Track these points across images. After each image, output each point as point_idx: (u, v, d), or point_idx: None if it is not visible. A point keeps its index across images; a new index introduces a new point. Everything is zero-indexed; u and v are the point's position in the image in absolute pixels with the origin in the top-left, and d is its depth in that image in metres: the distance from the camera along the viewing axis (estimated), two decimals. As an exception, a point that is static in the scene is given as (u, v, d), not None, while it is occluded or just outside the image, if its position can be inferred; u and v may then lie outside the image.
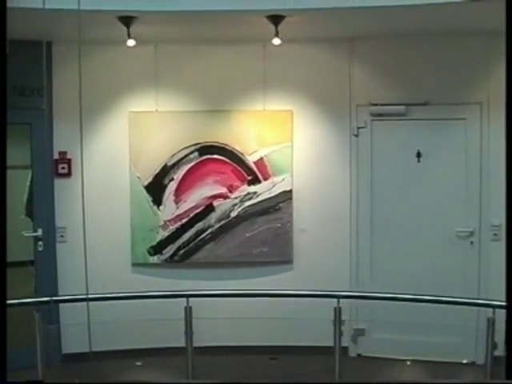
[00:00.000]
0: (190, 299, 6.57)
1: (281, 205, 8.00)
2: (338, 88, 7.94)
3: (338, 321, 6.48)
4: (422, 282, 7.35)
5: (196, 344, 6.66)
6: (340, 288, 7.04)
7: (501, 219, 7.51)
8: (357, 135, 7.94)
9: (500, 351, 7.00)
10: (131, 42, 6.82)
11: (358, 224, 8.01)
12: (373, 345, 7.95)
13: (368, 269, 7.98)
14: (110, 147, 7.97)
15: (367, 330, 8.01)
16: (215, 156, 7.97)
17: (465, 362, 7.63)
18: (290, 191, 7.98)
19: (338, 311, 6.47)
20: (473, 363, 7.58)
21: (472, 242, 7.77)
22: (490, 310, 6.22)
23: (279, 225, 8.02)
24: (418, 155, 7.81)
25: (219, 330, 7.67)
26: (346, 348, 7.52)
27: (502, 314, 6.91)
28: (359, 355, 8.02)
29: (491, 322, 6.17)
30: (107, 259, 7.87)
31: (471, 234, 7.73)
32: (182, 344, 6.62)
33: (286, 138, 7.94)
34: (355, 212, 8.01)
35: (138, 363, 7.75)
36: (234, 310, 7.29)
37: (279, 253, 8.04)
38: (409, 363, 7.58)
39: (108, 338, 7.20)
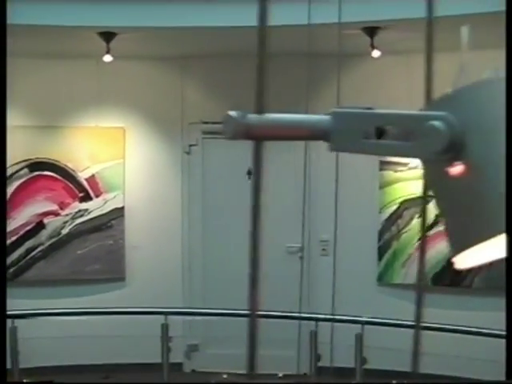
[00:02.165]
0: (19, 319, 6.44)
1: (113, 222, 7.96)
2: (170, 106, 8.01)
3: (165, 337, 6.52)
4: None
5: (24, 365, 6.51)
6: (173, 304, 7.09)
7: (329, 235, 7.79)
8: (188, 153, 8.02)
9: (324, 362, 7.26)
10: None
11: (190, 240, 8.09)
12: (207, 360, 8.03)
13: (201, 284, 8.07)
14: None
15: (201, 346, 8.08)
16: (46, 172, 7.85)
17: (281, 375, 7.80)
18: (122, 208, 7.95)
19: (165, 328, 6.51)
20: (305, 374, 7.79)
21: (301, 257, 7.99)
22: (313, 323, 6.44)
23: (111, 242, 7.98)
24: (249, 173, 7.98)
25: (50, 349, 7.53)
26: (180, 364, 7.56)
27: (326, 327, 7.19)
28: (193, 371, 8.08)
29: (313, 335, 6.40)
30: None
31: (300, 249, 7.96)
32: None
33: (118, 155, 7.92)
34: (187, 228, 8.09)
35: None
36: (66, 328, 7.18)
37: (112, 270, 7.99)
38: (225, 376, 7.66)
39: None
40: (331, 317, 7.33)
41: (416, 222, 8.00)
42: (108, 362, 7.92)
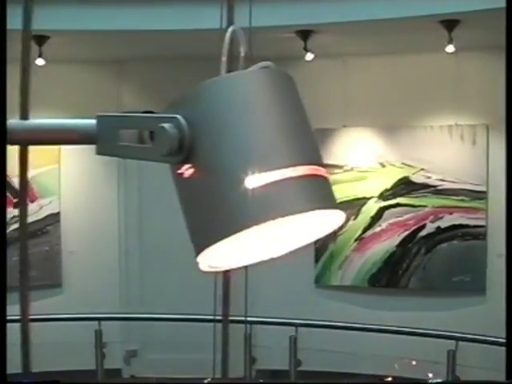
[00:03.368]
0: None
1: (48, 227, 7.87)
2: (105, 110, 7.87)
3: (99, 343, 6.49)
4: (189, 301, 7.47)
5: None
6: (111, 309, 7.04)
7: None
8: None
9: (261, 365, 7.29)
10: None
11: (128, 245, 8.04)
12: (146, 365, 7.98)
13: (138, 290, 8.02)
14: None
15: (140, 351, 8.03)
16: (-21, 178, 7.72)
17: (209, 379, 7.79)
18: (58, 213, 7.86)
19: (98, 333, 6.48)
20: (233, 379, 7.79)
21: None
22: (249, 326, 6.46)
23: (47, 248, 7.89)
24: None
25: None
26: (119, 370, 7.50)
27: (258, 329, 7.20)
28: (132, 376, 8.02)
29: (248, 338, 6.42)
30: None
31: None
32: None
33: (54, 160, 7.83)
34: (124, 233, 8.03)
35: None
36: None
37: (48, 276, 7.89)
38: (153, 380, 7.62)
39: None
40: (265, 320, 7.37)
41: (352, 223, 8.08)
42: (39, 371, 7.80)
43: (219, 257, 1.10)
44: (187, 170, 1.06)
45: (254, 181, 1.02)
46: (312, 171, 1.05)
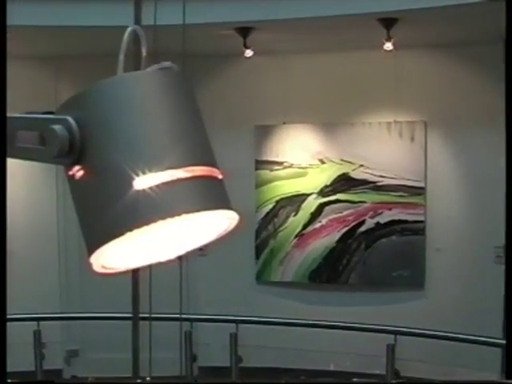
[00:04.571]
0: None
1: (-15, 227, 7.75)
2: (43, 107, 7.81)
3: (37, 344, 6.43)
4: (130, 300, 7.41)
5: None
6: (51, 309, 6.96)
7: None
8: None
9: (202, 362, 7.28)
10: None
11: (67, 244, 7.95)
12: (87, 365, 7.90)
13: (78, 288, 7.94)
14: None
15: (81, 351, 7.96)
16: None
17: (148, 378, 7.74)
18: (-5, 213, 7.74)
19: (37, 334, 6.41)
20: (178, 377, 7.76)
21: (179, 258, 7.96)
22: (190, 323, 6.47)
23: (-16, 248, 7.77)
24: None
25: None
26: (60, 370, 7.42)
27: (199, 327, 7.20)
28: (74, 377, 7.94)
29: (189, 335, 6.42)
30: None
31: (180, 258, 7.93)
32: None
33: (-10, 158, 7.72)
34: (63, 233, 7.95)
35: None
36: None
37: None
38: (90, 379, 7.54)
39: None
40: (206, 317, 7.36)
41: (292, 220, 8.11)
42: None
43: (113, 258, 1.10)
44: (78, 172, 1.07)
45: (143, 182, 1.02)
46: (204, 172, 1.06)
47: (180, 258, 1.26)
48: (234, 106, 8.23)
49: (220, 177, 1.10)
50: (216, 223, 1.14)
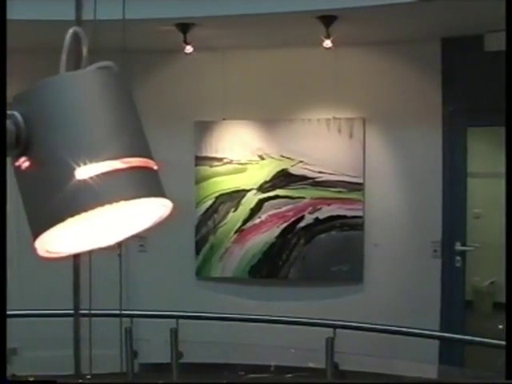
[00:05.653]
0: None
1: None
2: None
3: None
4: (69, 296, 7.36)
5: None
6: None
7: (147, 231, 7.78)
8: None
9: (143, 358, 7.26)
10: None
11: (9, 239, 7.85)
12: (27, 364, 7.81)
13: (16, 285, 7.85)
14: None
15: (20, 349, 7.87)
16: None
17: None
18: None
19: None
20: (118, 374, 7.73)
21: (119, 255, 7.92)
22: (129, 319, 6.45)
23: None
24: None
25: None
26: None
27: (140, 323, 7.19)
28: (14, 375, 7.83)
29: (129, 331, 6.39)
30: None
31: (119, 245, 7.89)
32: None
33: None
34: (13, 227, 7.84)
35: None
36: None
37: None
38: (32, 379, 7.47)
39: None
40: (146, 313, 7.34)
41: (232, 215, 8.14)
42: None
43: (57, 243, 1.21)
44: (24, 163, 1.16)
45: (83, 172, 1.12)
46: (140, 163, 1.17)
47: (120, 244, 1.37)
48: (174, 101, 8.22)
49: (155, 168, 1.20)
50: (152, 211, 1.27)
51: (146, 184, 1.18)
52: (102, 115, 1.19)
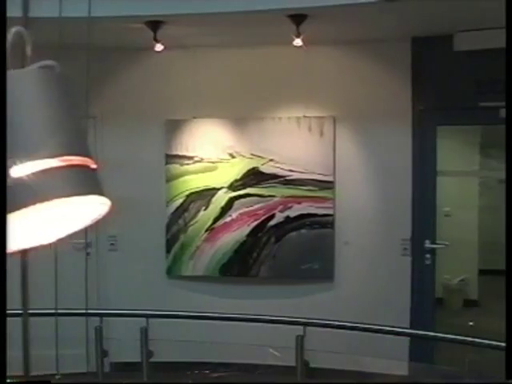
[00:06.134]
0: None
1: None
2: None
3: None
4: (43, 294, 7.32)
5: None
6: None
7: (117, 230, 7.77)
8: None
9: (113, 358, 7.23)
10: None
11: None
12: None
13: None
14: None
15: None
16: None
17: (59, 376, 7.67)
18: None
19: None
20: (87, 373, 7.69)
21: (88, 253, 7.90)
22: (98, 319, 6.41)
23: None
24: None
25: None
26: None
27: (111, 322, 7.16)
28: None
29: (99, 331, 6.36)
30: None
31: (88, 245, 7.86)
32: None
33: None
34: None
35: None
36: None
37: None
38: None
39: None
40: (116, 312, 7.31)
41: (202, 214, 8.13)
42: None
43: None
44: None
45: (20, 170, 1.13)
46: (78, 162, 1.18)
47: (88, 253, 1.39)
48: (144, 100, 8.19)
49: (94, 166, 1.22)
50: (90, 209, 1.27)
51: (84, 182, 1.19)
52: (39, 114, 1.19)
